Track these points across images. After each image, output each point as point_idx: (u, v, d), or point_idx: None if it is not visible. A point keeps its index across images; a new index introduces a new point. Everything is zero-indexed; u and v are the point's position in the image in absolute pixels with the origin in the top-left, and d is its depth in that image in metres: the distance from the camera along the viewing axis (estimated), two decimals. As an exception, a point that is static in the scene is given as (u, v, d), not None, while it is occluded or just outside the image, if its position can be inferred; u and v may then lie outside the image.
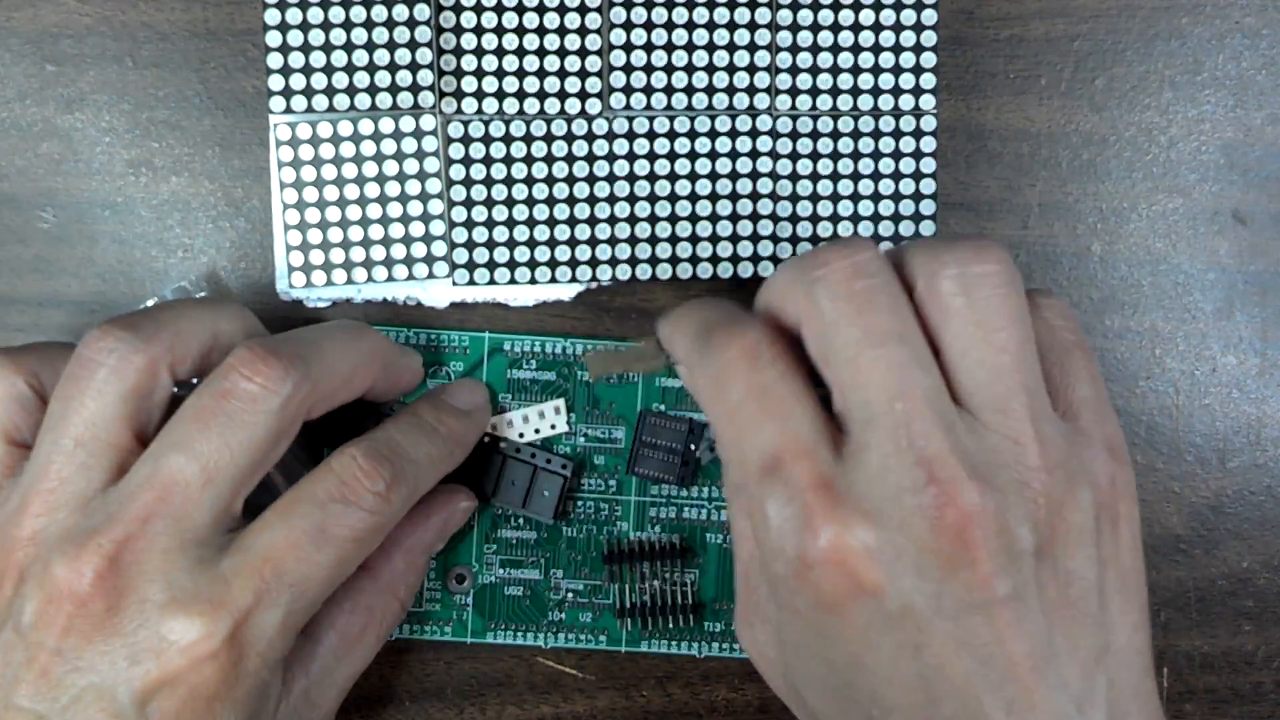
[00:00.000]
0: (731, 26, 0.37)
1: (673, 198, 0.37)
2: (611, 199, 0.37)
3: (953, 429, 0.27)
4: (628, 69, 0.37)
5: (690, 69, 0.37)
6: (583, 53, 0.37)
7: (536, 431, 0.37)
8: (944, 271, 0.28)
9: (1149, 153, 0.39)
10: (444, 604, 0.38)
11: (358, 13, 0.36)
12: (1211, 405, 0.39)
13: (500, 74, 0.37)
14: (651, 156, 0.37)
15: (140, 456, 0.30)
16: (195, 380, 0.32)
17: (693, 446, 0.38)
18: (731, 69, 0.37)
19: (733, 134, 0.37)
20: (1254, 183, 0.39)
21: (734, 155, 0.37)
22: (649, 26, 0.37)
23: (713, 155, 0.37)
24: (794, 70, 0.37)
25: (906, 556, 0.26)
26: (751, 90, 0.37)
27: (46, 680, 0.28)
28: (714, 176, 0.37)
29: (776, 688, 0.31)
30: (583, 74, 0.37)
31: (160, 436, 0.30)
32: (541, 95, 0.37)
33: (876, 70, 0.37)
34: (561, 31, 0.37)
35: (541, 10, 0.36)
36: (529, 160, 0.37)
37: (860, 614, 0.27)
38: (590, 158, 0.37)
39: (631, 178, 0.37)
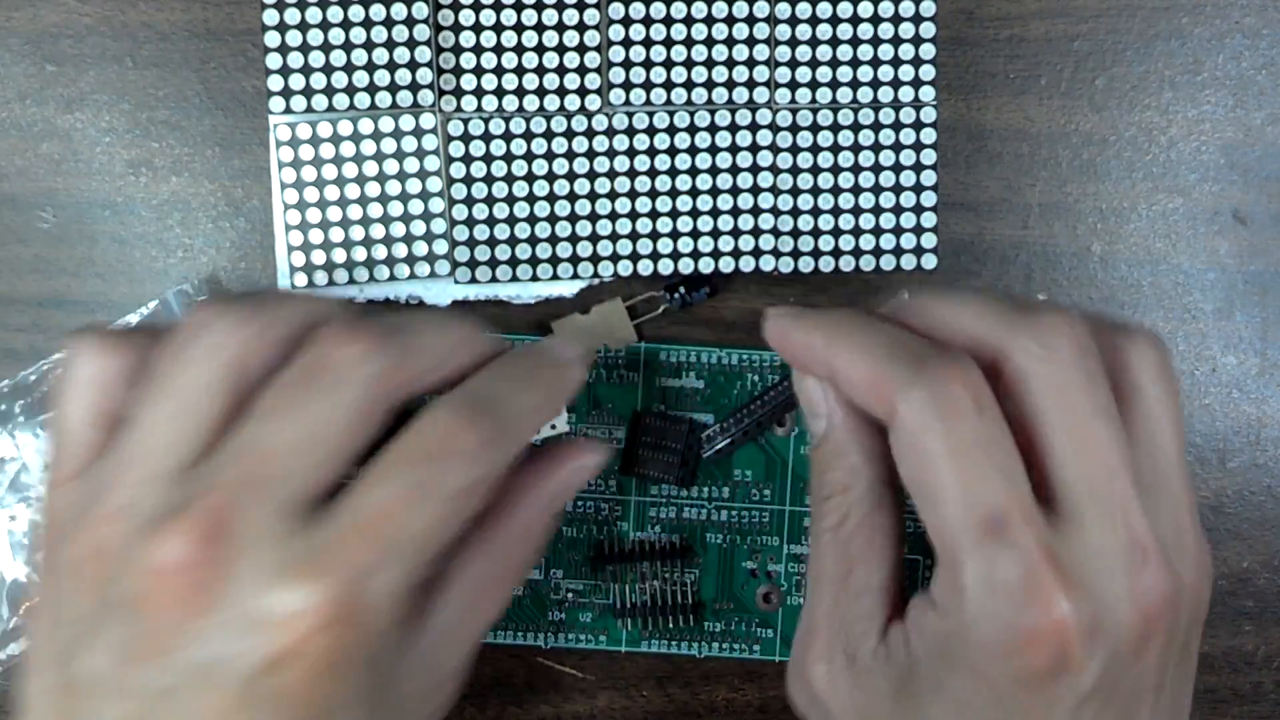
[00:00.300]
0: (730, 21, 0.37)
1: (673, 193, 0.37)
2: (612, 195, 0.37)
3: (1148, 512, 0.28)
4: (627, 65, 0.37)
5: (690, 64, 0.37)
6: (581, 49, 0.37)
7: (536, 432, 0.37)
8: (1139, 355, 0.29)
9: (1149, 153, 0.39)
10: (444, 604, 0.38)
11: (356, 12, 0.36)
12: (1211, 405, 0.39)
13: (499, 71, 0.37)
14: (652, 152, 0.37)
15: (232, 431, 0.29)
16: None
17: (693, 446, 0.38)
18: (731, 63, 0.37)
19: (733, 128, 0.37)
20: (1254, 183, 0.39)
21: (734, 150, 0.37)
22: (648, 22, 0.37)
23: (713, 150, 0.37)
24: (793, 64, 0.37)
25: (1107, 636, 0.27)
26: (751, 84, 0.37)
27: (157, 658, 0.27)
28: (714, 171, 0.37)
29: None
30: (582, 70, 0.37)
31: (253, 407, 0.29)
32: (541, 92, 0.37)
33: (876, 63, 0.37)
34: (560, 28, 0.37)
35: (540, 7, 0.37)
36: (529, 157, 0.37)
37: (1057, 689, 0.27)
38: (590, 154, 0.37)
39: (632, 173, 0.37)
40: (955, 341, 0.29)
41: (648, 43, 0.37)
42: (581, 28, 0.37)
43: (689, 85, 0.37)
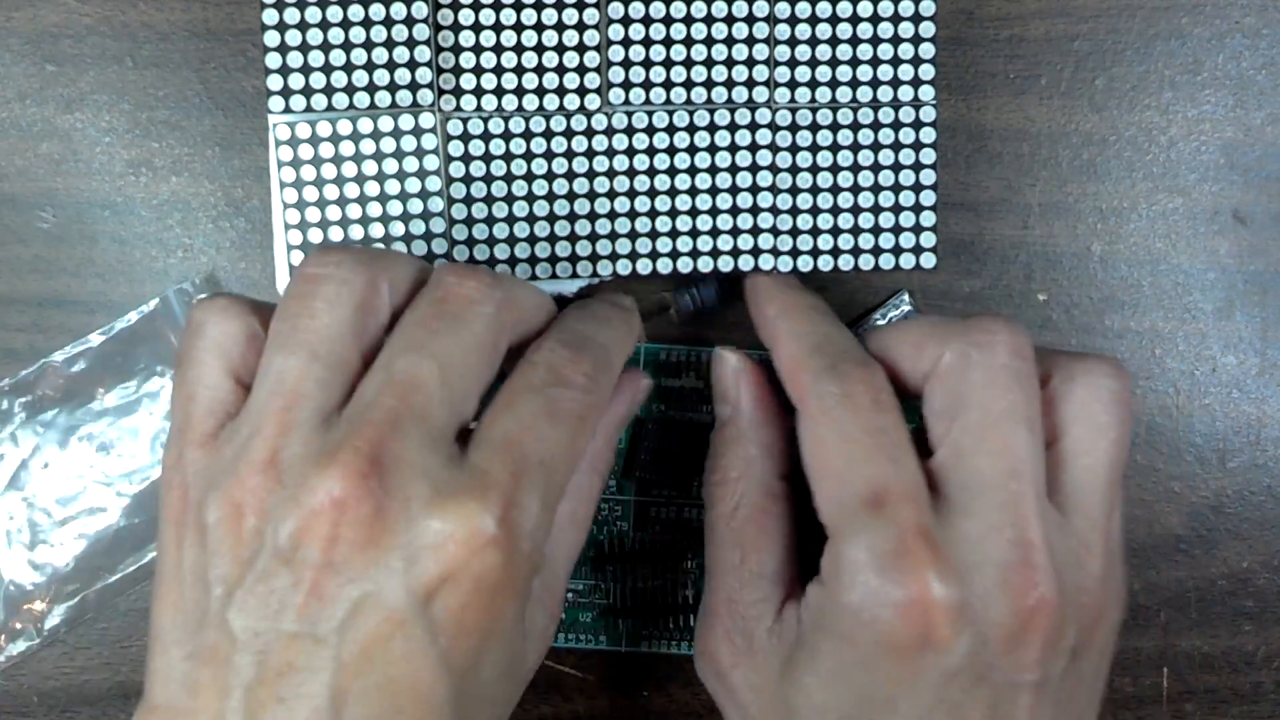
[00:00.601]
0: (730, 21, 0.37)
1: (673, 192, 0.37)
2: (612, 194, 0.37)
3: (1047, 520, 0.29)
4: (626, 64, 0.37)
5: (689, 63, 0.37)
6: (581, 48, 0.37)
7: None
8: (1088, 379, 0.31)
9: (1149, 153, 0.39)
10: (443, 604, 0.38)
11: (356, 12, 0.36)
12: (1211, 405, 0.39)
13: (499, 70, 0.37)
14: (651, 151, 0.37)
15: (369, 371, 0.29)
16: None
17: (692, 447, 0.38)
18: (731, 63, 0.37)
19: (732, 128, 0.37)
20: (1254, 183, 0.39)
21: (733, 149, 0.37)
22: (647, 21, 0.37)
23: (712, 149, 0.37)
24: (793, 64, 0.37)
25: (977, 623, 0.28)
26: (751, 84, 0.37)
27: (319, 598, 0.27)
28: (714, 170, 0.37)
29: (751, 712, 0.32)
30: (581, 69, 0.37)
31: (387, 347, 0.29)
32: (540, 91, 0.37)
33: (876, 63, 0.37)
34: (560, 28, 0.37)
35: (540, 7, 0.37)
36: (528, 156, 0.37)
37: (918, 662, 0.28)
38: (590, 153, 0.37)
39: (631, 173, 0.37)
40: (902, 356, 0.31)
41: (647, 43, 0.37)
42: (581, 28, 0.37)
43: (689, 85, 0.37)
